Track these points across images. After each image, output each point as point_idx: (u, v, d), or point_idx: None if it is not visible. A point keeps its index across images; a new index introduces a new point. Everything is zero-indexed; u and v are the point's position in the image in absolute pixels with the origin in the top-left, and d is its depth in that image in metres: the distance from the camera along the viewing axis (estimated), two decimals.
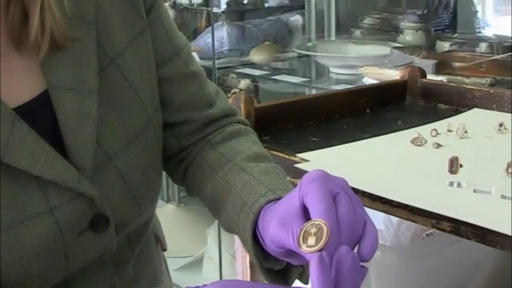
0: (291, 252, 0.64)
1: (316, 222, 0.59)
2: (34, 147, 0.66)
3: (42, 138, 0.67)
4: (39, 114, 0.70)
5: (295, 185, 0.66)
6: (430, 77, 1.47)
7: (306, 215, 0.63)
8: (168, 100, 0.82)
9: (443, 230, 0.78)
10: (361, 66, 1.90)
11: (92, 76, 0.71)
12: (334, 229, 0.60)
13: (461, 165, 0.88)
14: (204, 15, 2.91)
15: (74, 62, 0.71)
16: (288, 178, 0.97)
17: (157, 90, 0.81)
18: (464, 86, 1.30)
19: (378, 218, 1.26)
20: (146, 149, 0.77)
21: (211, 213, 0.82)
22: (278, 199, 0.69)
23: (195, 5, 3.01)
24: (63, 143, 0.70)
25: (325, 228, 0.58)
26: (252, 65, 2.54)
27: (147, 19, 0.80)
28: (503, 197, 0.80)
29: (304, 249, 0.58)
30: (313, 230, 0.58)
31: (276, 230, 0.64)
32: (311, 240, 0.58)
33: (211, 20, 2.67)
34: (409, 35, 2.35)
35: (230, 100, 1.07)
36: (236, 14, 3.05)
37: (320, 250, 0.58)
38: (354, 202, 0.64)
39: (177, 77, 0.83)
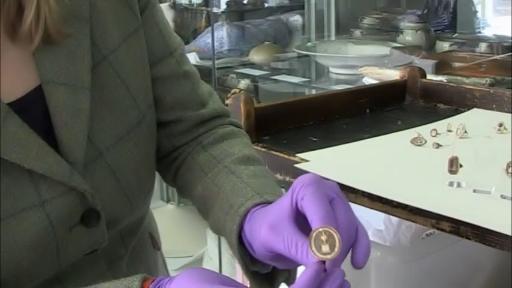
0: (279, 257, 0.64)
1: (325, 229, 0.59)
2: (26, 140, 0.67)
3: (34, 132, 0.68)
4: (33, 109, 0.70)
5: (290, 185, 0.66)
6: (430, 77, 1.47)
7: (297, 220, 0.63)
8: (160, 99, 0.83)
9: (443, 230, 0.78)
10: (361, 66, 1.90)
11: (84, 72, 0.72)
12: None
13: (461, 165, 0.88)
14: (204, 15, 2.91)
15: (67, 58, 0.72)
16: (287, 178, 0.97)
17: (151, 88, 0.82)
18: (464, 86, 1.30)
19: (378, 218, 1.26)
20: (138, 146, 0.78)
21: (200, 214, 0.82)
22: (265, 203, 0.69)
23: (194, 5, 3.01)
24: (56, 138, 0.70)
25: (335, 235, 0.58)
26: (252, 65, 2.54)
27: (141, 18, 0.80)
28: (503, 197, 0.80)
29: (321, 257, 0.58)
30: (324, 238, 0.59)
31: (267, 235, 0.64)
32: (325, 248, 0.58)
33: (211, 20, 2.67)
34: (409, 35, 2.35)
35: (230, 100, 1.08)
36: (236, 14, 3.05)
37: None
38: (347, 206, 0.64)
39: (169, 76, 0.84)
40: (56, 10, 0.70)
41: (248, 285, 0.72)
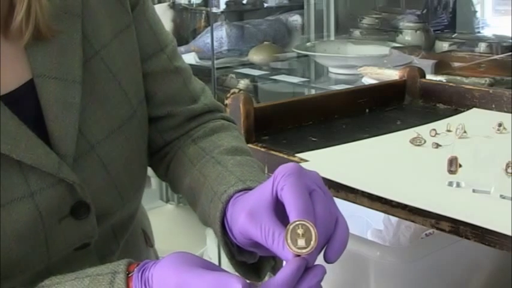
0: (258, 244, 0.64)
1: (302, 223, 0.58)
2: (15, 132, 0.68)
3: (25, 124, 0.69)
4: (25, 102, 0.71)
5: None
6: (429, 77, 1.47)
7: (276, 209, 0.63)
8: (151, 94, 0.84)
9: (442, 230, 0.78)
10: (361, 66, 1.90)
11: (76, 66, 0.73)
12: None
13: (460, 165, 0.88)
14: (203, 16, 2.91)
15: (58, 52, 0.73)
16: None
17: (142, 84, 0.82)
18: (463, 86, 1.30)
19: (377, 218, 1.26)
20: (130, 140, 0.79)
21: (191, 207, 0.82)
22: (247, 189, 0.69)
23: (194, 5, 3.00)
24: (47, 131, 0.71)
25: (312, 230, 0.58)
26: (251, 65, 2.54)
27: (132, 14, 0.81)
28: (502, 196, 0.80)
29: (296, 251, 0.58)
30: (301, 231, 0.58)
31: (245, 222, 0.63)
32: (301, 242, 0.58)
33: (210, 20, 2.67)
34: (408, 35, 2.35)
35: (229, 100, 1.08)
36: (235, 14, 3.05)
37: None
38: (328, 198, 0.64)
39: (160, 72, 0.85)
40: (46, 7, 0.71)
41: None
